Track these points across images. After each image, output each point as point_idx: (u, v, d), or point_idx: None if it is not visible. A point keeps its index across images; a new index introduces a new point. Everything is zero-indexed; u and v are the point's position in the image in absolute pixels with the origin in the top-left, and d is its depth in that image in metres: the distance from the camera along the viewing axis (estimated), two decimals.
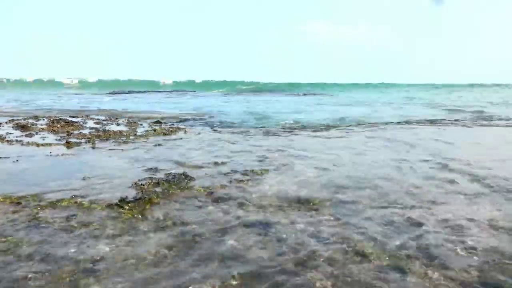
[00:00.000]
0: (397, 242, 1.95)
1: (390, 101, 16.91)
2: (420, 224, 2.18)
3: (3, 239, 1.93)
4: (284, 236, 2.02)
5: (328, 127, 7.15)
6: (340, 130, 6.66)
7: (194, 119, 8.59)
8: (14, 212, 2.32)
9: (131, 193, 2.66)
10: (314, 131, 6.56)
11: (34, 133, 5.70)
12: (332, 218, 2.28)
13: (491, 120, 8.53)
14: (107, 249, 1.83)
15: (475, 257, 1.80)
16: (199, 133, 6.05)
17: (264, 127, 7.45)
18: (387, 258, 1.78)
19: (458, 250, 1.87)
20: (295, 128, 7.07)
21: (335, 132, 6.43)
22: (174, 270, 1.66)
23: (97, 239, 1.94)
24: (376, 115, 10.03)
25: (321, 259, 1.78)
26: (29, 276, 1.59)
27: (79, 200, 2.54)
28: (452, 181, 3.09)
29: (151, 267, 1.68)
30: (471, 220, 2.27)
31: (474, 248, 1.90)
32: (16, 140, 4.97)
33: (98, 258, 1.74)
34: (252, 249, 1.86)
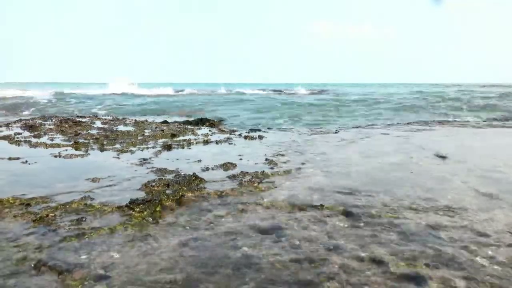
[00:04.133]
0: (415, 249, 1.89)
1: None
2: (437, 231, 2.13)
3: (13, 244, 1.91)
4: (297, 242, 1.97)
5: None
6: None
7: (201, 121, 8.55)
8: (23, 214, 2.30)
9: (141, 195, 2.63)
10: None
11: (42, 133, 5.70)
12: (345, 224, 2.23)
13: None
14: (118, 254, 1.80)
15: (495, 266, 1.74)
16: (207, 134, 6.01)
17: (278, 128, 7.40)
18: (405, 266, 1.73)
19: (478, 258, 1.82)
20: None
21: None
22: (187, 277, 1.62)
23: (108, 244, 1.91)
24: None
25: (336, 266, 1.73)
26: (40, 283, 1.56)
27: (89, 202, 2.52)
28: (466, 184, 3.02)
29: (163, 273, 1.64)
30: (489, 226, 2.20)
31: (493, 257, 1.84)
32: (25, 141, 4.98)
33: (109, 264, 1.71)
34: (265, 256, 1.82)
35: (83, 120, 7.52)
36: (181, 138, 5.45)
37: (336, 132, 6.61)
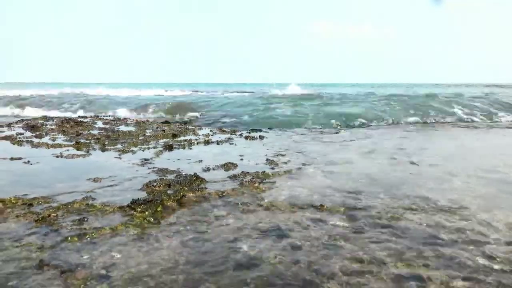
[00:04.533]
0: (415, 250, 1.90)
1: None
2: (437, 231, 2.13)
3: (16, 243, 1.92)
4: (298, 242, 1.99)
5: None
6: None
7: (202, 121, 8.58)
8: (25, 214, 2.31)
9: (143, 195, 2.65)
10: None
11: (44, 133, 5.72)
12: (346, 224, 2.24)
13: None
14: (120, 254, 1.82)
15: (495, 267, 1.75)
16: (208, 134, 6.03)
17: (281, 128, 7.41)
18: (404, 267, 1.74)
19: (478, 259, 1.83)
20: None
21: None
22: (188, 277, 1.63)
23: (109, 244, 1.92)
24: None
25: (337, 267, 1.74)
26: (42, 283, 1.58)
27: (90, 202, 2.53)
28: (466, 184, 3.03)
29: (164, 273, 1.65)
30: (489, 226, 2.21)
31: (493, 257, 1.85)
32: (27, 141, 4.99)
33: (111, 264, 1.73)
34: (266, 256, 1.83)
35: (85, 120, 7.54)
36: (182, 138, 5.47)
37: (336, 132, 6.62)
